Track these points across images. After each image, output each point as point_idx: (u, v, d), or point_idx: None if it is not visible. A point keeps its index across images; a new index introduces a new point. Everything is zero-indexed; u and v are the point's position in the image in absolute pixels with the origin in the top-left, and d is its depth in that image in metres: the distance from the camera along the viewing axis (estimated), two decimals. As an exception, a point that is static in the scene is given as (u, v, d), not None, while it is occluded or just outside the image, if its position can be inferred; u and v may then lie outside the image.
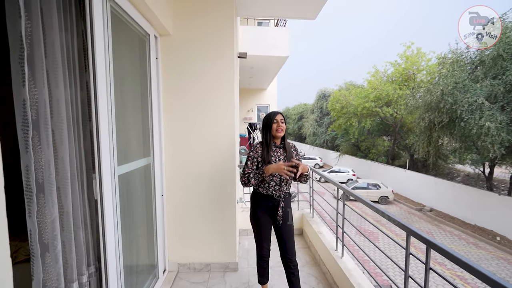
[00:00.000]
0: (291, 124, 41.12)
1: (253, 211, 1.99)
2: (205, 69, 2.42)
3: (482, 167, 15.24)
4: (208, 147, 2.50)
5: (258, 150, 1.90)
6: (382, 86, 17.96)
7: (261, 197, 1.91)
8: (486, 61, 9.68)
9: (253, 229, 2.02)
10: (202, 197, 2.54)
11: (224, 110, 2.48)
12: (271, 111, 1.95)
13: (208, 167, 2.51)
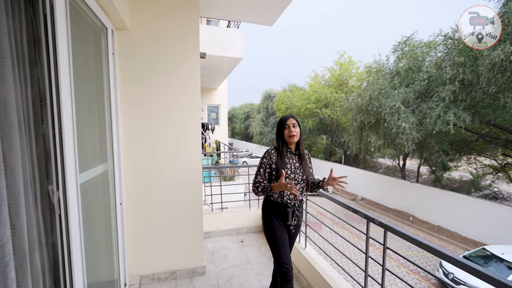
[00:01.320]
0: (238, 123, 41.55)
1: (267, 222, 1.79)
2: (167, 66, 2.31)
3: (398, 160, 18.38)
4: (171, 149, 2.39)
5: (272, 157, 1.74)
6: (321, 89, 19.75)
7: (275, 206, 1.76)
8: (401, 72, 11.67)
9: (270, 242, 1.78)
10: (165, 202, 2.42)
11: (188, 110, 2.41)
12: (282, 116, 1.82)
13: (171, 171, 2.41)
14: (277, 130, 1.79)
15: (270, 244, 1.80)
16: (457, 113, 9.02)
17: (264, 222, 1.83)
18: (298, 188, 1.73)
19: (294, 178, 1.73)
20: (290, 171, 1.73)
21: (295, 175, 1.75)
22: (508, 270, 7.01)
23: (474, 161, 15.53)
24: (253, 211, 3.74)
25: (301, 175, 1.77)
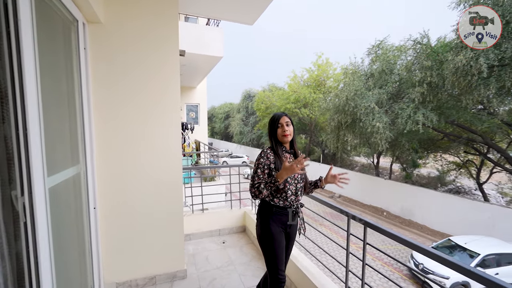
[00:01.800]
0: (218, 123, 41.15)
1: (264, 228, 1.65)
2: (145, 62, 2.22)
3: (372, 158, 19.26)
4: (149, 150, 2.30)
5: (270, 156, 1.64)
6: (300, 90, 20.13)
7: (275, 210, 1.63)
8: (375, 74, 12.23)
9: (265, 250, 1.66)
10: (143, 205, 2.32)
11: (167, 108, 2.33)
12: (275, 113, 1.71)
13: (149, 172, 2.31)
14: (269, 129, 1.71)
15: (266, 252, 1.66)
16: (425, 113, 9.63)
17: (261, 228, 1.67)
18: (299, 188, 1.66)
19: (294, 178, 1.63)
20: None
21: (295, 174, 1.59)
22: (470, 258, 7.63)
23: (440, 158, 16.70)
24: (234, 212, 3.71)
25: (299, 175, 1.67)
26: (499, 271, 7.28)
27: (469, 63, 7.69)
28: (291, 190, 1.63)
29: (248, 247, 3.23)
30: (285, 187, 1.60)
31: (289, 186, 1.62)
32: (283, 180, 1.52)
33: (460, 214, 10.77)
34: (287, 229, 1.67)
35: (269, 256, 1.65)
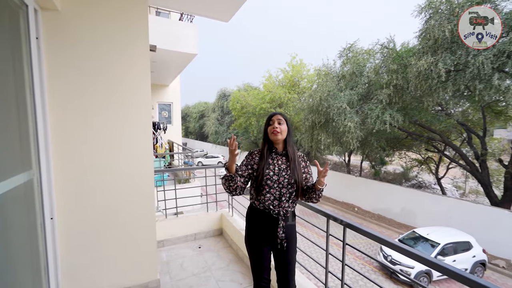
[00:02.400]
0: (192, 122, 40.20)
1: (247, 231, 1.62)
2: (110, 55, 2.02)
3: (344, 157, 20.11)
4: (116, 151, 2.10)
5: (254, 156, 1.60)
6: (275, 90, 20.33)
7: (256, 213, 1.57)
8: (346, 76, 12.74)
9: (248, 254, 1.64)
10: (110, 211, 2.12)
11: (137, 106, 2.15)
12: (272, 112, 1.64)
13: (117, 175, 2.12)
14: (264, 127, 1.63)
15: (249, 258, 1.63)
16: (392, 114, 10.23)
17: (245, 231, 1.65)
18: (284, 193, 1.52)
19: (278, 181, 1.51)
20: (272, 172, 1.52)
21: (279, 177, 1.52)
22: (431, 247, 8.24)
23: (404, 155, 17.92)
24: (211, 215, 3.58)
25: (287, 178, 1.53)
26: (456, 258, 7.96)
27: (430, 67, 8.30)
28: (272, 193, 1.51)
29: (225, 251, 3.13)
30: (264, 190, 1.51)
31: (269, 189, 1.51)
32: (232, 169, 1.50)
33: (422, 207, 11.63)
34: (272, 236, 1.54)
35: (250, 261, 1.62)
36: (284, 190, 1.52)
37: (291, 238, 1.56)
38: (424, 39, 8.93)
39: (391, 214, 12.87)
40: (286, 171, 1.54)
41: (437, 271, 1.12)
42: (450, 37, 8.01)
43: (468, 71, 7.64)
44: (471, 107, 10.95)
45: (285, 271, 1.57)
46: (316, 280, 1.98)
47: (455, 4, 8.12)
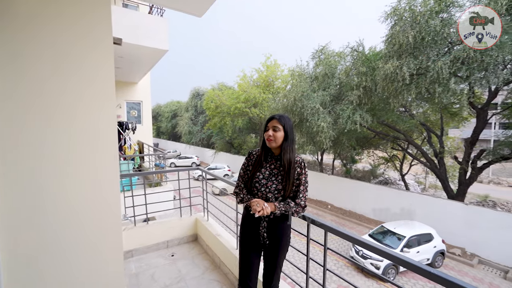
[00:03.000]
0: (164, 122, 38.75)
1: (240, 231, 1.69)
2: (62, 47, 1.77)
3: (317, 155, 20.73)
4: (74, 154, 1.86)
5: (252, 158, 1.64)
6: (250, 89, 20.30)
7: (247, 215, 1.62)
8: (319, 77, 13.08)
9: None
10: (68, 225, 1.86)
11: (98, 103, 1.92)
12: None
13: (75, 181, 1.87)
14: (263, 129, 1.63)
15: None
16: (362, 114, 10.71)
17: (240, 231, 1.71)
18: (269, 197, 1.52)
19: (266, 185, 1.52)
20: (262, 176, 1.54)
21: (268, 182, 1.53)
22: (398, 240, 8.76)
23: (372, 154, 18.97)
24: (184, 220, 3.39)
25: (276, 184, 1.52)
26: (420, 249, 8.56)
27: (396, 70, 8.81)
28: (260, 197, 1.54)
29: (200, 258, 2.97)
30: (254, 192, 1.57)
31: (257, 192, 1.55)
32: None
33: (389, 202, 12.35)
34: (258, 239, 1.58)
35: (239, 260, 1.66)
36: (270, 195, 1.52)
37: (279, 239, 1.56)
38: (390, 44, 9.45)
39: (362, 210, 13.50)
40: (276, 177, 1.54)
41: (400, 265, 1.22)
42: (413, 43, 8.58)
43: (429, 75, 8.23)
44: (430, 109, 11.87)
45: (270, 273, 1.60)
46: (295, 285, 1.92)
47: (417, 12, 8.70)
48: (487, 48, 7.14)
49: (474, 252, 9.49)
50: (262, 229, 1.55)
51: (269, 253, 1.59)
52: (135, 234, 3.03)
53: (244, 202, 1.57)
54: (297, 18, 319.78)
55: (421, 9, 8.78)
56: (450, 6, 8.74)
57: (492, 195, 16.17)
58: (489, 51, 7.13)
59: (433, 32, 8.42)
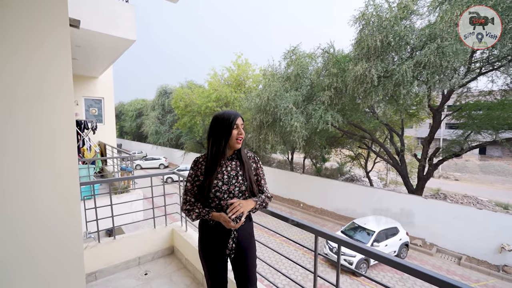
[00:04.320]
0: (128, 121, 36.30)
1: (200, 244, 1.49)
2: (4, 28, 1.35)
3: (287, 155, 21.02)
4: (21, 158, 1.43)
5: (200, 166, 1.42)
6: (221, 88, 19.84)
7: (208, 227, 1.44)
8: (291, 77, 13.19)
9: (202, 266, 1.52)
10: (15, 250, 1.43)
11: (54, 100, 1.51)
12: (226, 111, 1.43)
13: (22, 191, 1.44)
14: (220, 129, 1.39)
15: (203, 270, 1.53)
16: (333, 114, 11.01)
17: (198, 244, 1.51)
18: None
19: (228, 191, 1.38)
20: (221, 182, 1.38)
21: (229, 186, 1.39)
22: (368, 235, 9.14)
23: (339, 153, 19.80)
24: (159, 231, 3.00)
25: (238, 187, 1.40)
26: (388, 242, 9.04)
27: (365, 72, 9.18)
28: (223, 206, 1.38)
29: (179, 274, 2.63)
30: (213, 202, 1.38)
31: (220, 201, 1.38)
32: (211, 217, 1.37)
33: (357, 199, 12.93)
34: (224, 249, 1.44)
35: (204, 273, 1.51)
36: (235, 199, 1.39)
37: (248, 245, 1.47)
38: (359, 46, 9.83)
39: (333, 207, 13.94)
40: (236, 178, 1.42)
41: (372, 258, 1.25)
42: (381, 47, 9.01)
43: (394, 78, 8.72)
44: (394, 110, 12.67)
45: (244, 280, 1.48)
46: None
47: (383, 18, 9.16)
48: (445, 54, 7.76)
49: (433, 242, 10.34)
50: (232, 239, 1.42)
51: (241, 260, 1.47)
52: (100, 253, 2.58)
53: (203, 217, 1.38)
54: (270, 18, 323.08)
55: (386, 15, 9.26)
56: (412, 14, 9.37)
57: (442, 189, 17.92)
58: (446, 56, 7.75)
59: (398, 37, 8.94)
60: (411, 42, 9.00)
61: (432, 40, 8.26)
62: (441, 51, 7.84)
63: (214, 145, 1.39)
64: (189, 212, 1.40)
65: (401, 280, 8.21)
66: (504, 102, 10.94)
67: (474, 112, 11.94)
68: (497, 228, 9.07)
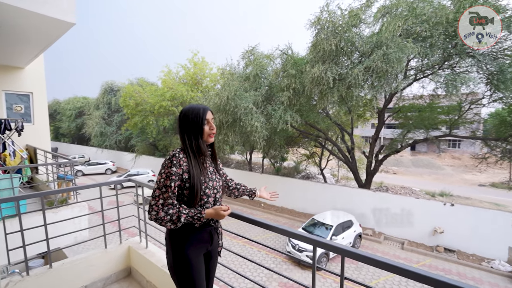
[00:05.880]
0: (66, 122, 31.89)
1: (179, 256, 1.31)
2: None
3: (246, 155, 21.00)
4: None
5: (182, 163, 1.28)
6: (176, 87, 18.75)
7: (192, 230, 1.34)
8: (250, 77, 13.12)
9: (185, 283, 1.31)
10: None
11: None
12: (193, 105, 1.35)
13: None
14: (191, 125, 1.32)
15: (184, 286, 1.32)
16: (292, 114, 11.27)
17: (175, 256, 1.32)
18: (218, 198, 1.43)
19: (212, 187, 1.39)
20: (208, 178, 1.37)
21: (213, 182, 1.40)
22: (326, 230, 9.58)
23: (296, 152, 20.58)
24: (112, 251, 2.51)
25: (218, 182, 1.44)
26: (344, 235, 9.60)
27: (321, 74, 9.60)
28: (210, 203, 1.37)
29: (140, 301, 2.21)
30: (202, 200, 1.33)
31: (208, 198, 1.35)
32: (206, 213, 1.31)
33: (316, 195, 13.53)
34: (207, 251, 1.43)
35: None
36: (218, 195, 1.43)
37: (221, 246, 1.54)
38: (316, 49, 10.25)
39: (292, 205, 14.33)
40: (215, 174, 1.45)
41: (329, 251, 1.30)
42: (335, 50, 9.52)
43: (347, 81, 9.31)
44: (344, 110, 13.62)
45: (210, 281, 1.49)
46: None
47: (337, 24, 9.72)
48: (390, 61, 8.57)
49: (381, 231, 11.38)
50: (218, 235, 1.46)
51: (213, 266, 1.49)
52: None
53: (192, 218, 1.27)
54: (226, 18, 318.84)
55: (339, 21, 9.84)
56: (361, 23, 10.14)
57: (385, 182, 20.03)
58: (391, 63, 8.56)
59: (350, 43, 9.57)
60: (361, 49, 9.73)
61: (378, 47, 9.05)
62: (386, 57, 8.63)
63: (192, 142, 1.33)
64: (172, 217, 1.22)
65: (357, 269, 8.79)
66: (432, 105, 12.74)
67: (410, 114, 13.62)
68: (431, 214, 10.43)
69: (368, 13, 10.22)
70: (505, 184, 19.59)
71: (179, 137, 1.41)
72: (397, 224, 11.05)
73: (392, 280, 8.11)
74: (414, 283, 7.87)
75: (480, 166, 11.97)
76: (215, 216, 1.31)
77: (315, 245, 1.31)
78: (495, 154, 11.29)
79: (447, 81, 8.84)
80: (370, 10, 10.23)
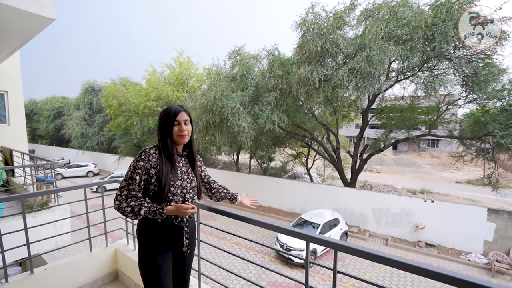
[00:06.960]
0: (43, 123, 30.42)
1: (144, 252, 1.37)
2: None
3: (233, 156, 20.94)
4: None
5: (152, 158, 1.34)
6: (161, 87, 18.40)
7: (157, 227, 1.37)
8: (237, 78, 13.10)
9: (146, 281, 1.36)
10: None
11: None
12: (170, 106, 1.39)
13: None
14: (162, 125, 1.39)
15: (148, 283, 1.36)
16: (279, 115, 11.36)
17: (141, 252, 1.39)
18: (187, 199, 1.43)
19: (181, 186, 1.40)
20: (176, 177, 1.40)
21: (183, 182, 1.42)
22: (313, 229, 9.72)
23: (283, 152, 20.74)
24: (97, 254, 2.42)
25: (189, 183, 1.45)
26: (331, 233, 9.78)
27: (307, 75, 9.75)
28: (176, 202, 1.39)
29: (128, 304, 2.15)
30: (167, 199, 1.35)
31: (173, 197, 1.37)
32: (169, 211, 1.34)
33: (303, 194, 13.69)
34: (174, 249, 1.45)
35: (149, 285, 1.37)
36: (188, 195, 1.44)
37: (193, 243, 1.53)
38: (302, 50, 10.40)
39: (280, 205, 14.43)
40: (188, 175, 1.46)
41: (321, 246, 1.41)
42: (321, 52, 9.71)
43: (333, 82, 9.51)
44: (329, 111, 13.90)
45: (183, 280, 1.50)
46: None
47: (323, 25, 9.91)
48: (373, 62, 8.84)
49: (366, 228, 11.70)
50: (184, 236, 1.44)
51: (183, 260, 1.49)
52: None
53: (153, 212, 1.31)
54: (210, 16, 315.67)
55: (324, 23, 10.05)
56: (345, 25, 10.40)
57: (369, 180, 20.60)
58: (374, 64, 8.84)
59: (334, 45, 9.79)
60: (345, 50, 9.97)
61: (362, 49, 9.32)
62: (370, 59, 8.90)
63: (162, 141, 1.38)
64: (134, 209, 1.27)
65: (343, 266, 8.98)
66: (412, 106, 13.27)
67: (392, 114, 14.12)
68: (412, 210, 10.84)
69: (352, 15, 10.50)
70: (480, 181, 20.74)
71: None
72: (381, 221, 11.40)
73: (377, 276, 8.35)
74: (399, 276, 8.16)
75: (457, 164, 12.58)
76: (176, 213, 1.34)
77: (308, 240, 1.35)
78: (471, 153, 11.93)
79: (426, 82, 9.23)
80: (354, 13, 10.52)
